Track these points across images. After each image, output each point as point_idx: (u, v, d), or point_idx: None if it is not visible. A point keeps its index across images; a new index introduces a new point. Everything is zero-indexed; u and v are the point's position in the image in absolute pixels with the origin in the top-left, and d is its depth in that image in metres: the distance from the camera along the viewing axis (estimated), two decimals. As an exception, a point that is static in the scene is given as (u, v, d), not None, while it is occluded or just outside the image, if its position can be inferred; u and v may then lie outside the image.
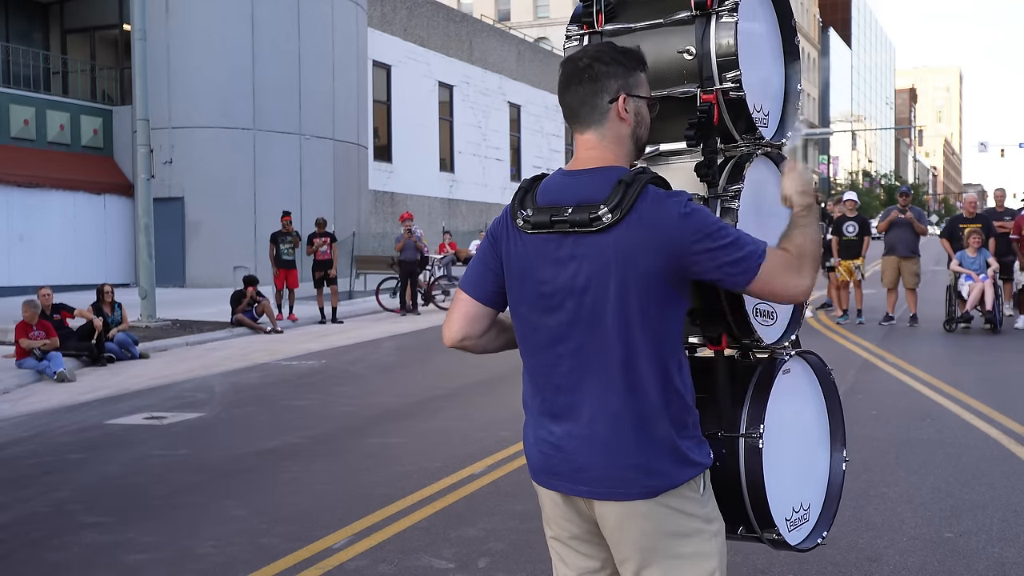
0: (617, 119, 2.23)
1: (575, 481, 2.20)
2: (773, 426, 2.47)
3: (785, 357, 2.62)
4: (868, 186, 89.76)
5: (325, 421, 8.31)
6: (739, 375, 2.53)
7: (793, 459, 2.63)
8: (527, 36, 48.18)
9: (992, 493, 5.61)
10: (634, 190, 2.13)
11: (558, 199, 2.20)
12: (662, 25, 2.58)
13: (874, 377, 9.79)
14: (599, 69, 2.21)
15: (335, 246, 17.30)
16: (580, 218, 2.14)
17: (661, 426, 2.15)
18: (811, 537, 2.69)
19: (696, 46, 2.52)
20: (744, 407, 2.48)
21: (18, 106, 22.84)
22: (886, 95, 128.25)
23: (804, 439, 2.75)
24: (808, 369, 2.77)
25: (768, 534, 2.50)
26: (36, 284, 13.72)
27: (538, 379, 2.26)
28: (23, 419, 8.87)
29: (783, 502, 2.54)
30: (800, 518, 2.66)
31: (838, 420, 2.84)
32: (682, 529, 2.17)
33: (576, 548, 2.31)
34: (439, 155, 34.72)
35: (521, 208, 2.24)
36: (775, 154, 2.71)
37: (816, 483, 2.78)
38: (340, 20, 25.77)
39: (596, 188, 2.16)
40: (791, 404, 2.63)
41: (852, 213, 14.89)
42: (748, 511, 2.45)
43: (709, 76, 2.51)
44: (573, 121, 2.26)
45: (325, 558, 4.73)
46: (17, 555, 4.99)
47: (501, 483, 6.02)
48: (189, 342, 14.14)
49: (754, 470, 2.43)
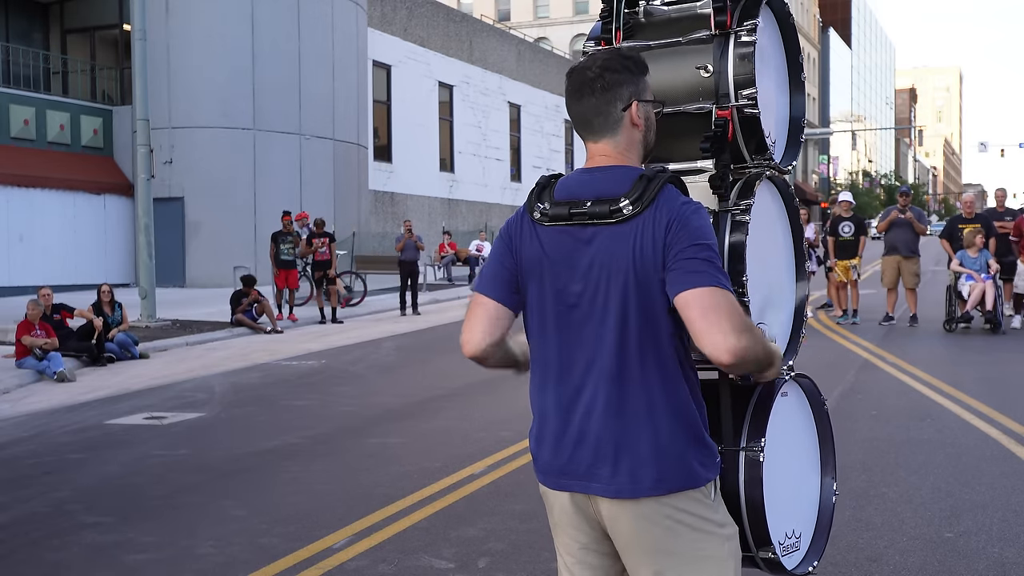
0: (631, 125, 2.24)
1: (587, 479, 2.17)
2: (771, 444, 2.48)
3: (785, 378, 2.63)
4: (868, 186, 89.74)
5: (325, 421, 8.31)
6: (739, 394, 2.54)
7: (787, 482, 2.64)
8: (527, 36, 48.17)
9: (992, 493, 5.60)
10: (655, 185, 2.14)
11: (577, 194, 2.21)
12: (680, 44, 2.62)
13: (874, 377, 9.79)
14: (611, 78, 2.21)
15: (334, 246, 17.32)
16: (600, 210, 2.14)
17: (674, 424, 2.14)
18: (803, 564, 2.68)
19: (714, 64, 2.56)
20: (745, 422, 2.48)
21: (18, 106, 22.84)
22: (886, 95, 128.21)
23: (798, 464, 2.76)
24: (802, 395, 2.79)
25: (764, 552, 2.48)
26: (36, 284, 13.73)
27: (550, 375, 2.24)
28: (23, 419, 8.87)
29: (777, 525, 2.53)
30: (791, 545, 2.65)
31: (829, 449, 2.85)
32: (695, 534, 2.15)
33: (583, 559, 2.28)
34: (439, 155, 34.72)
35: (539, 202, 2.25)
36: (779, 180, 2.73)
37: (807, 511, 2.79)
38: (340, 20, 25.78)
39: (616, 183, 2.17)
40: (787, 428, 2.64)
41: (848, 214, 14.90)
42: (745, 527, 2.44)
43: (725, 93, 2.55)
44: (586, 131, 2.26)
45: (325, 558, 4.73)
46: (17, 555, 4.99)
47: (501, 483, 6.02)
48: (189, 342, 14.14)
49: (754, 484, 2.43)
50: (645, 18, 2.72)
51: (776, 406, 2.53)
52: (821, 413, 2.83)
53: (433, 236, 28.97)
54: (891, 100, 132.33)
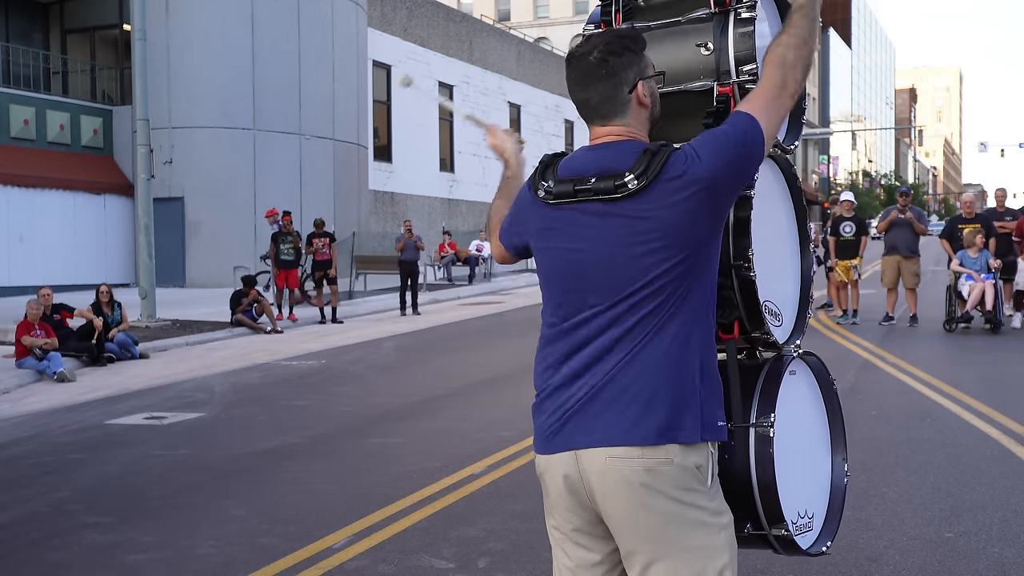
0: (638, 106, 2.25)
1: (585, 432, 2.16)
2: (781, 421, 2.45)
3: (793, 355, 2.62)
4: (868, 186, 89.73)
5: (325, 421, 8.31)
6: (747, 371, 2.53)
7: (798, 462, 2.61)
8: (527, 36, 48.15)
9: (992, 493, 5.60)
10: (660, 158, 2.13)
11: (581, 170, 2.21)
12: (679, 24, 2.62)
13: (874, 377, 9.79)
14: (615, 63, 2.21)
15: (334, 246, 17.32)
16: (605, 186, 2.14)
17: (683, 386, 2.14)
18: (816, 544, 2.64)
19: (714, 41, 2.56)
20: (754, 398, 2.47)
21: (18, 106, 22.84)
22: (886, 95, 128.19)
23: (808, 442, 2.73)
24: (810, 374, 2.76)
25: (776, 530, 2.44)
26: (36, 284, 13.73)
27: (558, 346, 2.24)
28: (23, 419, 8.87)
29: (790, 503, 2.49)
30: (804, 525, 2.61)
31: (839, 428, 2.82)
32: (689, 522, 2.14)
33: (577, 540, 2.28)
34: (439, 155, 34.72)
35: (543, 180, 2.25)
36: (781, 158, 2.73)
37: (819, 490, 2.75)
38: (340, 20, 25.77)
39: (620, 158, 2.18)
40: (796, 405, 2.62)
41: (849, 213, 14.90)
42: (757, 504, 2.41)
43: (726, 70, 2.55)
44: (593, 116, 2.26)
45: (325, 558, 4.73)
46: (17, 555, 4.99)
47: (501, 483, 6.02)
48: (189, 342, 14.14)
49: (765, 460, 2.40)
50: (644, 1, 2.73)
51: (784, 384, 2.51)
52: (830, 392, 2.80)
53: (433, 236, 28.97)
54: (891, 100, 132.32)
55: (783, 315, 2.66)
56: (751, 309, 2.48)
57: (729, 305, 2.47)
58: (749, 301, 2.47)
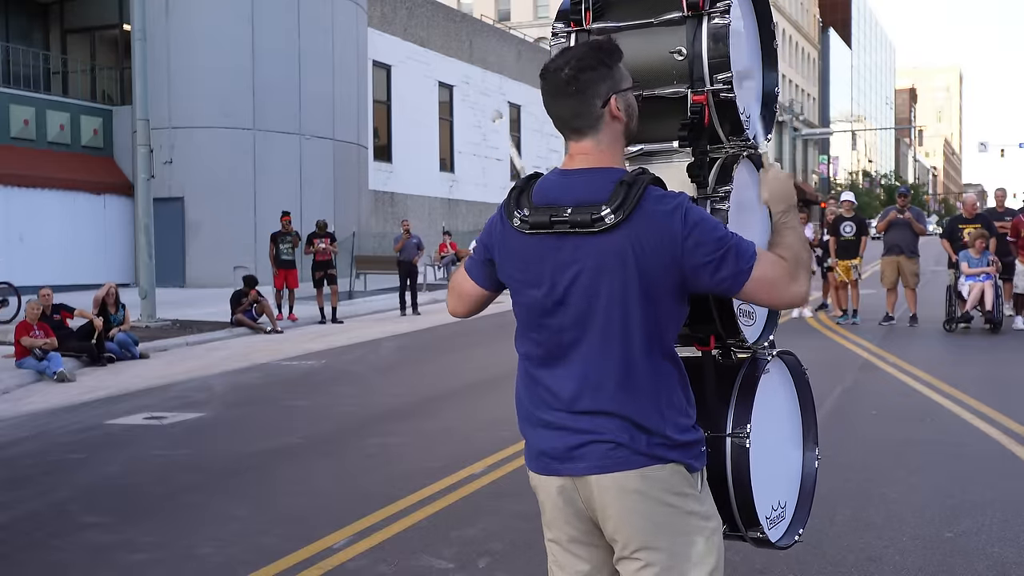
0: (611, 120, 2.21)
1: (573, 460, 2.19)
2: (756, 425, 2.49)
3: (767, 357, 2.64)
4: (868, 186, 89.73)
5: (325, 421, 8.31)
6: (722, 375, 2.54)
7: (771, 457, 2.65)
8: (527, 36, 48.11)
9: (992, 493, 5.60)
10: (636, 191, 2.11)
11: (556, 199, 2.18)
12: (651, 25, 2.56)
13: (874, 377, 9.79)
14: (585, 78, 2.17)
15: (335, 246, 17.31)
16: (581, 219, 2.12)
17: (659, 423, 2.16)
18: (788, 534, 2.72)
19: (687, 47, 2.50)
20: (730, 407, 2.49)
21: (18, 106, 22.84)
22: (886, 95, 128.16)
23: (780, 437, 2.78)
24: (784, 368, 2.80)
25: (752, 532, 2.52)
26: (36, 284, 13.72)
27: (537, 376, 2.29)
28: (23, 419, 8.87)
29: (764, 501, 2.56)
30: (778, 516, 2.69)
31: (811, 418, 2.88)
32: (680, 526, 2.17)
33: (572, 551, 2.30)
34: (439, 155, 34.73)
35: (517, 208, 2.22)
36: (755, 156, 2.72)
37: (791, 480, 2.82)
38: (340, 20, 25.77)
39: (595, 189, 2.15)
40: (769, 403, 2.65)
41: (849, 213, 14.91)
42: (734, 510, 2.47)
43: (700, 77, 2.49)
44: (567, 131, 2.23)
45: (325, 558, 4.72)
46: (17, 555, 4.99)
47: (501, 483, 6.02)
48: (189, 342, 14.13)
49: (741, 469, 2.44)
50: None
51: (760, 386, 2.54)
52: (802, 383, 2.84)
53: (433, 236, 28.96)
54: (891, 100, 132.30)
55: (755, 312, 2.67)
56: (727, 320, 2.49)
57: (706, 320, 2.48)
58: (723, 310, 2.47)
